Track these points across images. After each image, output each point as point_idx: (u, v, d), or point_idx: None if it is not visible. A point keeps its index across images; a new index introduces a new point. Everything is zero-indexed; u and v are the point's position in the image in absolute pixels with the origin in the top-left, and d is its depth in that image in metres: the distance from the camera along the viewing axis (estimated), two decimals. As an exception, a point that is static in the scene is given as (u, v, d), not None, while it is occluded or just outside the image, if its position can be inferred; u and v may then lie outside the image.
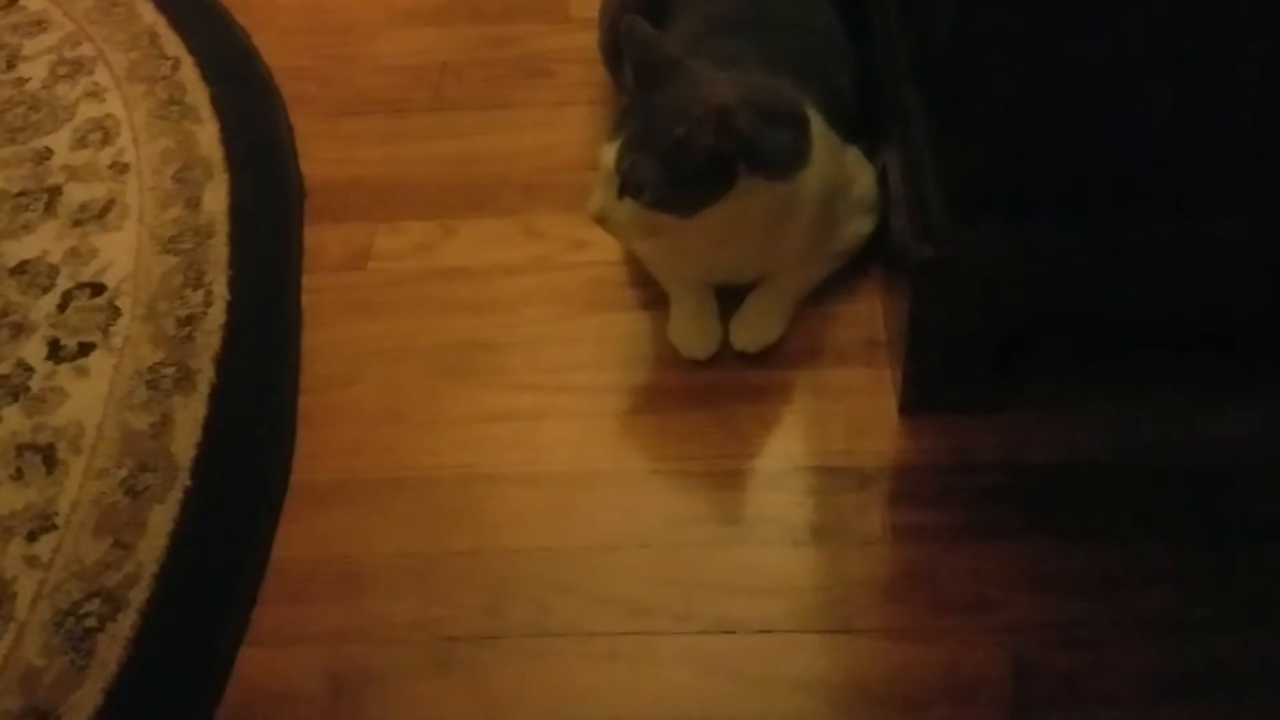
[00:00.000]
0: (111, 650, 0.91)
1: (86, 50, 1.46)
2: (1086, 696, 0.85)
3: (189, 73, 1.42)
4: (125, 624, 0.93)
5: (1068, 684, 0.86)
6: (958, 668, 0.87)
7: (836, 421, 1.03)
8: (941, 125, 0.95)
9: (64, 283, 1.19)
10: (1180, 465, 0.97)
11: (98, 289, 1.19)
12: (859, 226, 1.12)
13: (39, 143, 1.35)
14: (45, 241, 1.24)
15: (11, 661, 0.92)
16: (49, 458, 1.05)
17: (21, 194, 1.29)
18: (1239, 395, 1.01)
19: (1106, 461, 0.98)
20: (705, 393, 1.06)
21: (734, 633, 0.91)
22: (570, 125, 1.31)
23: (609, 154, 0.98)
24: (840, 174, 1.09)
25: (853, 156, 1.12)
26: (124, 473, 1.03)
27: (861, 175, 1.12)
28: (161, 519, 0.99)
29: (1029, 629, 0.89)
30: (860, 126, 1.14)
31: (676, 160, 0.96)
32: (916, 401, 1.02)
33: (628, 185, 0.98)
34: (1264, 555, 0.92)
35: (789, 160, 1.02)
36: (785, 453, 1.02)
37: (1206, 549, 0.92)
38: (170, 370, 1.10)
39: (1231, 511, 0.95)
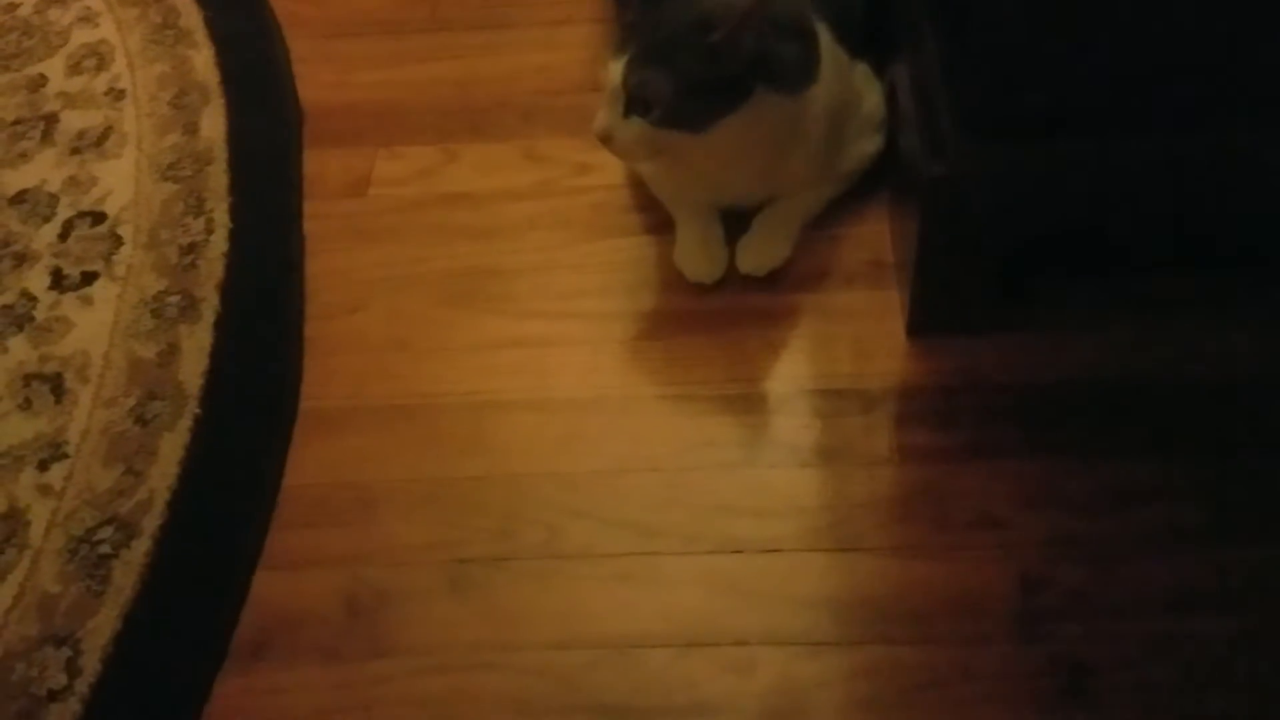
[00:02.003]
0: (127, 576, 0.93)
1: (76, -27, 1.43)
2: (1092, 611, 0.86)
3: (182, -5, 1.39)
4: (140, 550, 0.94)
5: (1073, 598, 0.87)
6: (964, 584, 0.88)
7: (843, 344, 1.03)
8: (953, 41, 0.93)
9: (64, 211, 1.18)
10: (1185, 382, 0.97)
11: (98, 218, 1.18)
12: (866, 145, 1.11)
13: (33, 69, 1.33)
14: (44, 170, 1.23)
15: (28, 588, 0.93)
16: (57, 387, 1.05)
17: (17, 122, 1.27)
18: (1243, 312, 1.00)
19: (1112, 380, 0.98)
20: (712, 317, 1.06)
21: (742, 552, 0.92)
22: (570, 45, 1.29)
23: (614, 72, 0.97)
24: (848, 91, 1.08)
25: (861, 73, 1.10)
26: (133, 401, 1.03)
27: (869, 93, 1.11)
28: (172, 446, 1.00)
29: (1034, 545, 0.90)
30: (868, 43, 1.12)
31: (703, 70, 0.94)
32: (923, 323, 1.01)
33: (635, 103, 0.96)
34: (1269, 469, 0.92)
35: (798, 73, 1.00)
36: (792, 376, 1.02)
37: (1212, 464, 0.93)
38: (175, 298, 1.10)
39: (1236, 426, 0.95)
